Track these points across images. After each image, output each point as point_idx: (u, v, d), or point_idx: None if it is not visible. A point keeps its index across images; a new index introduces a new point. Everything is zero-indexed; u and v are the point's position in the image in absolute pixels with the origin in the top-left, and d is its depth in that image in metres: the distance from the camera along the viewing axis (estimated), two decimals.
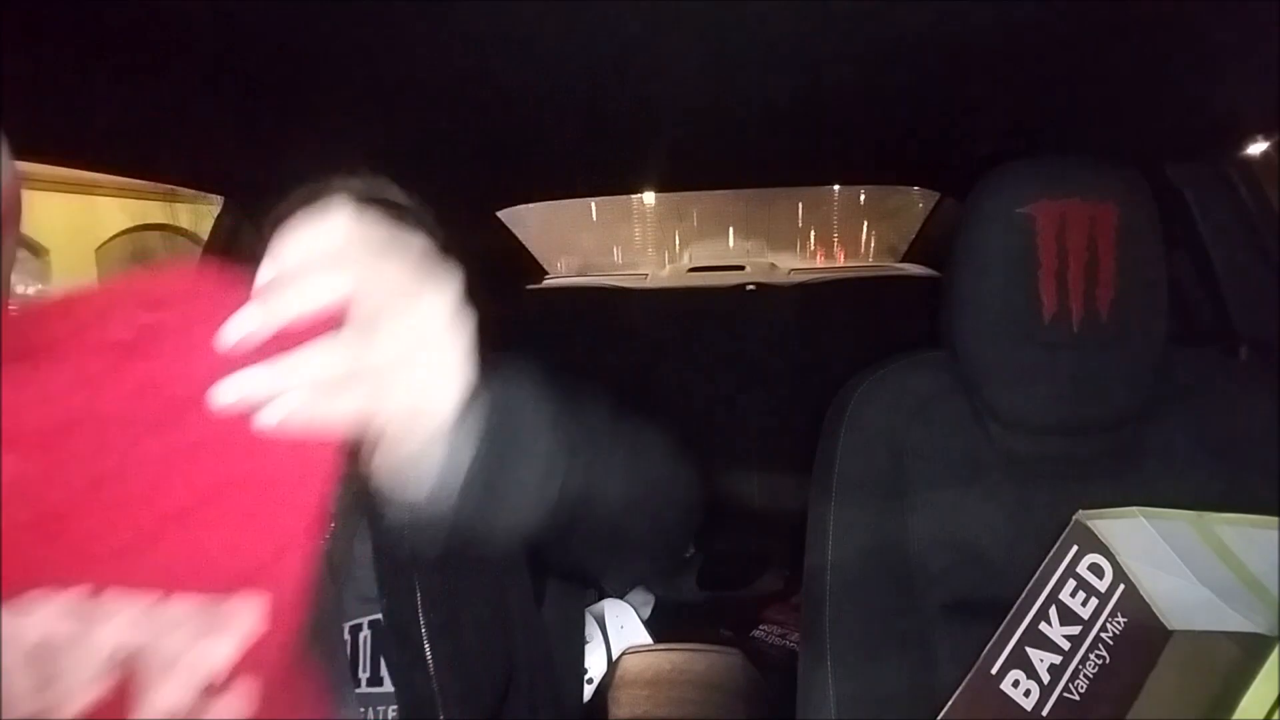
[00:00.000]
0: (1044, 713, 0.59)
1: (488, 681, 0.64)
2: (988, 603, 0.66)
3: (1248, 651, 0.50)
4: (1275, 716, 0.47)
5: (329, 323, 0.33)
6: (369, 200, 0.64)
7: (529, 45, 0.69)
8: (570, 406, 0.68)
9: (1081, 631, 0.60)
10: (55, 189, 8.85)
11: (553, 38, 0.68)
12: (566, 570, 0.75)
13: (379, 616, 0.62)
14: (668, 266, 2.87)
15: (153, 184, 1.29)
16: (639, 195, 1.98)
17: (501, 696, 0.65)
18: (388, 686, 0.60)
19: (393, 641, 0.61)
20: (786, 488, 1.79)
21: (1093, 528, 0.61)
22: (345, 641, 0.61)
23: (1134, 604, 0.58)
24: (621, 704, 0.99)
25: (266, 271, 0.33)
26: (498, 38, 0.68)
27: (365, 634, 0.62)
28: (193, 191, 1.27)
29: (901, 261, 2.44)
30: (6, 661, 0.29)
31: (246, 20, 0.62)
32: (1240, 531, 0.60)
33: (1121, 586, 0.59)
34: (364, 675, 0.61)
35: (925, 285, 1.90)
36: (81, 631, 0.29)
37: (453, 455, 0.39)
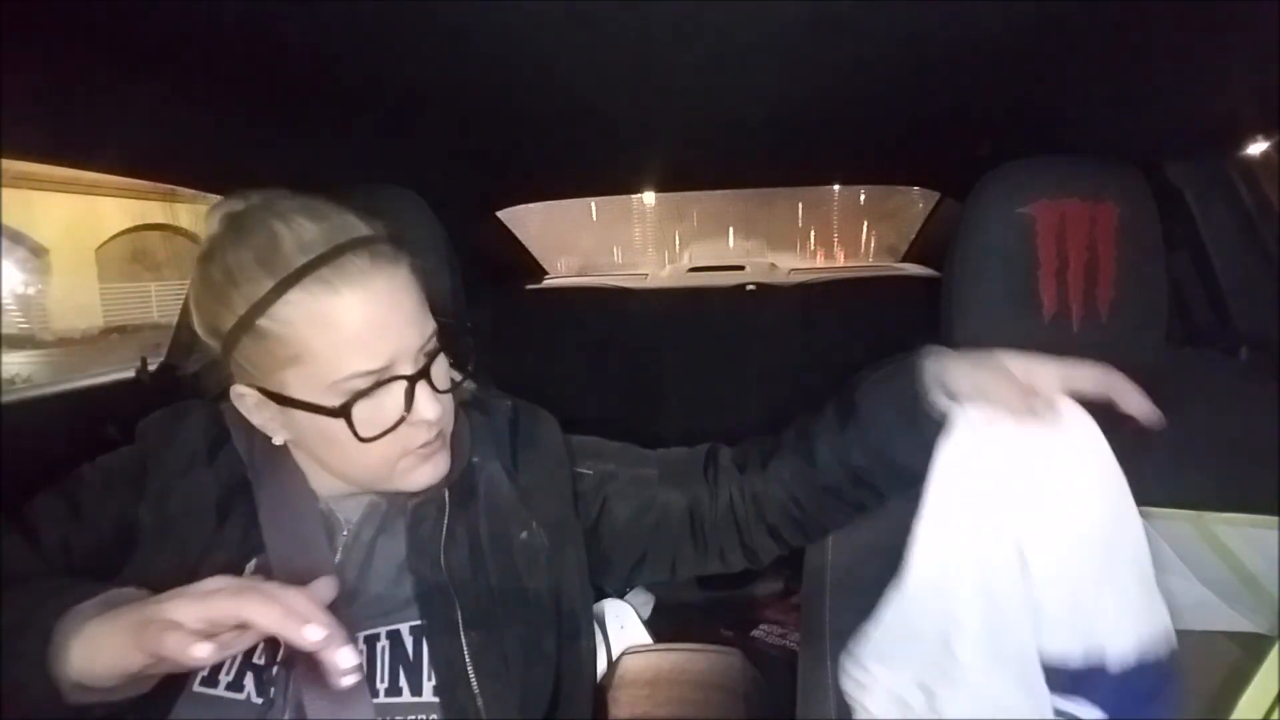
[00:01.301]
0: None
1: (533, 699, 0.64)
2: None
3: (1248, 651, 0.50)
4: (1275, 716, 0.47)
5: None
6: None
7: (529, 45, 0.69)
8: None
9: None
10: (55, 189, 8.86)
11: (552, 38, 0.68)
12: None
13: (398, 627, 0.62)
14: (668, 266, 2.87)
15: (153, 184, 1.28)
16: (639, 195, 1.97)
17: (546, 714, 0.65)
18: (406, 697, 0.60)
19: (436, 658, 0.61)
20: None
21: None
22: (361, 651, 0.60)
23: None
24: (621, 704, 0.99)
25: None
26: (497, 38, 0.68)
27: (383, 644, 0.61)
28: (193, 191, 1.27)
29: (901, 261, 2.44)
30: None
31: (246, 21, 0.62)
32: (1240, 531, 0.60)
33: None
34: (382, 686, 0.60)
35: (925, 285, 1.90)
36: None
37: None
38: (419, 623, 0.62)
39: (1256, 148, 0.99)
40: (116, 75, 0.71)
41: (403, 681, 0.60)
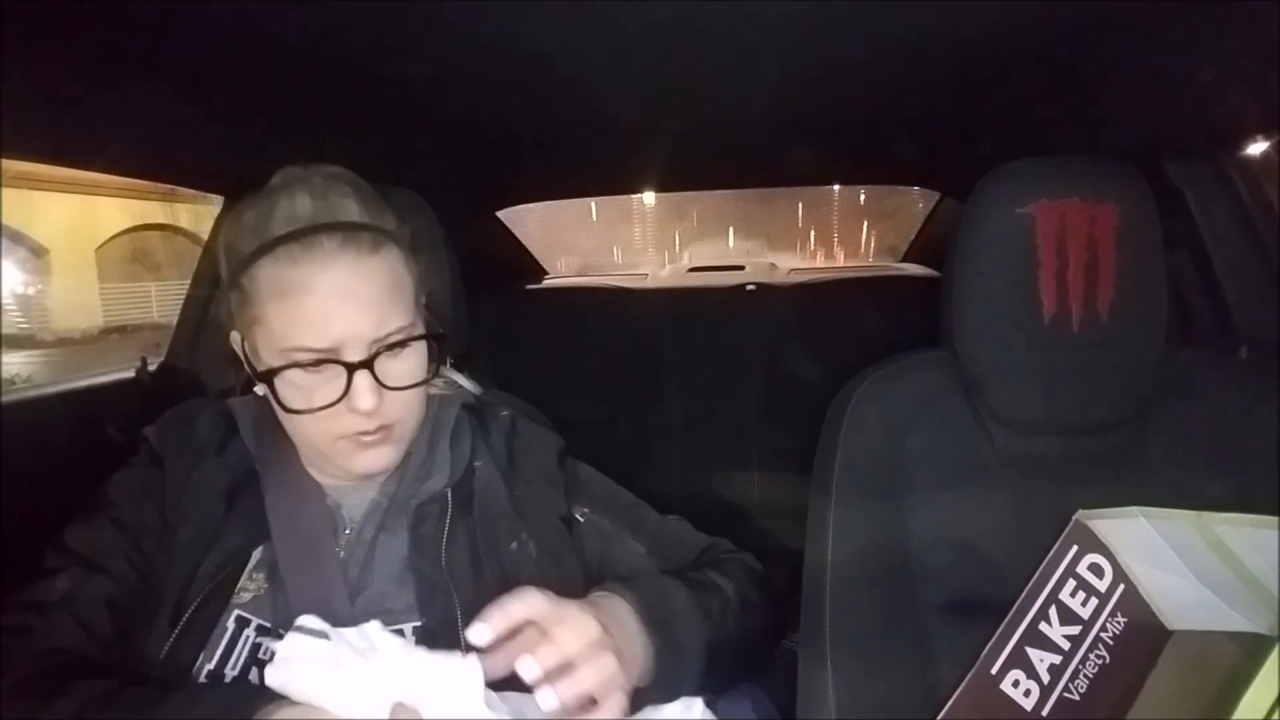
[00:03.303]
0: (1044, 713, 0.59)
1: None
2: (988, 603, 0.66)
3: (1248, 651, 0.50)
4: (1275, 717, 0.47)
5: None
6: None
7: (529, 44, 0.69)
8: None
9: (1081, 631, 0.60)
10: (55, 189, 8.86)
11: (553, 37, 0.68)
12: None
13: (402, 628, 0.62)
14: (668, 266, 2.87)
15: (153, 184, 1.29)
16: (639, 195, 1.97)
17: None
18: None
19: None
20: (786, 488, 1.79)
21: (1093, 528, 0.61)
22: None
23: (1134, 604, 0.58)
24: None
25: None
26: (497, 36, 0.68)
27: None
28: (193, 191, 1.27)
29: (901, 261, 2.44)
30: None
31: (247, 20, 0.62)
32: (1240, 531, 0.60)
33: (1121, 586, 0.59)
34: None
35: (925, 285, 1.90)
36: None
37: None
38: (422, 624, 0.62)
39: (1256, 148, 0.99)
40: (116, 75, 0.71)
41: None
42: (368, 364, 0.59)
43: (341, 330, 0.59)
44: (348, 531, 0.66)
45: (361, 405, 0.59)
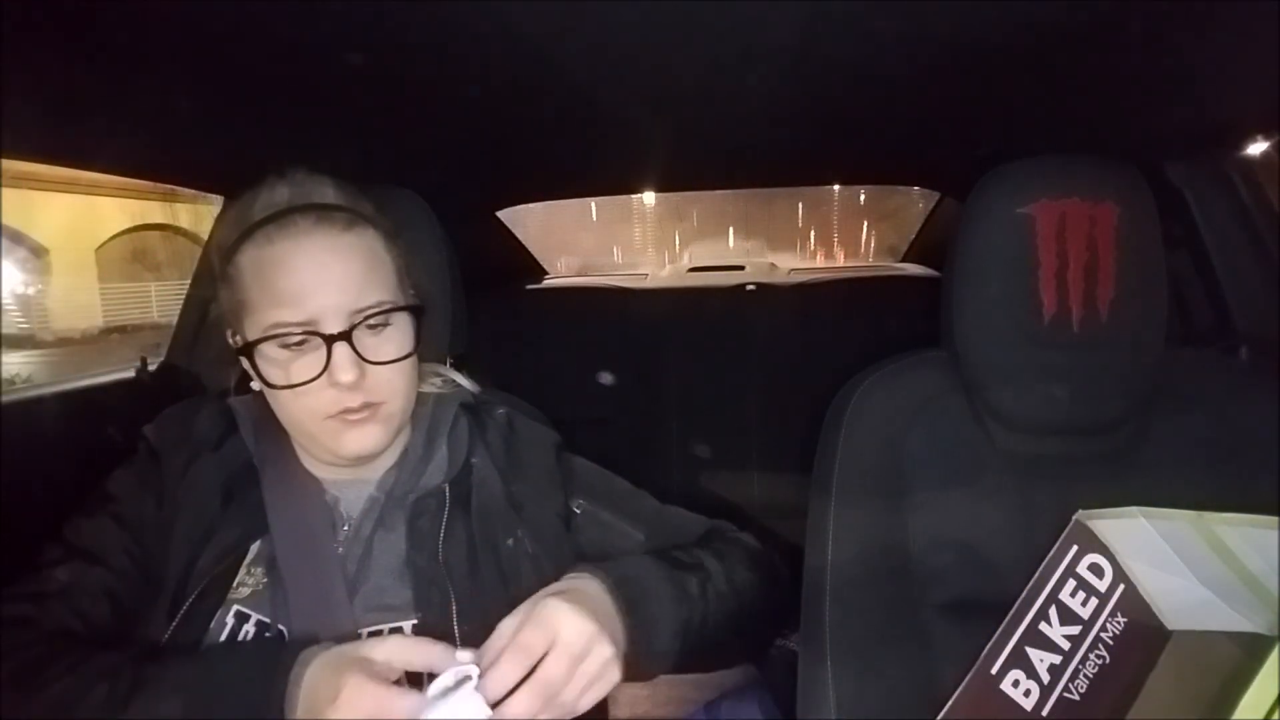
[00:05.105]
0: (1044, 713, 0.59)
1: None
2: (988, 603, 0.66)
3: (1248, 651, 0.50)
4: (1275, 716, 0.47)
5: None
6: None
7: (529, 44, 0.69)
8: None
9: (1081, 631, 0.60)
10: (55, 189, 8.85)
11: (553, 37, 0.68)
12: None
13: (400, 625, 0.62)
14: (668, 266, 2.87)
15: (153, 184, 1.29)
16: (639, 195, 1.97)
17: None
18: None
19: None
20: (786, 488, 1.79)
21: (1093, 528, 0.61)
22: None
23: (1134, 604, 0.58)
24: (621, 704, 0.99)
25: None
26: (497, 37, 0.68)
27: None
28: (193, 191, 1.27)
29: (901, 261, 2.44)
30: None
31: (247, 20, 0.62)
32: (1240, 531, 0.60)
33: (1121, 586, 0.59)
34: None
35: (925, 285, 1.90)
36: None
37: None
38: (419, 620, 0.62)
39: (1256, 148, 0.99)
40: (116, 75, 0.71)
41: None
42: (345, 335, 0.60)
43: (317, 303, 0.60)
44: (346, 528, 0.66)
45: (341, 377, 0.60)
